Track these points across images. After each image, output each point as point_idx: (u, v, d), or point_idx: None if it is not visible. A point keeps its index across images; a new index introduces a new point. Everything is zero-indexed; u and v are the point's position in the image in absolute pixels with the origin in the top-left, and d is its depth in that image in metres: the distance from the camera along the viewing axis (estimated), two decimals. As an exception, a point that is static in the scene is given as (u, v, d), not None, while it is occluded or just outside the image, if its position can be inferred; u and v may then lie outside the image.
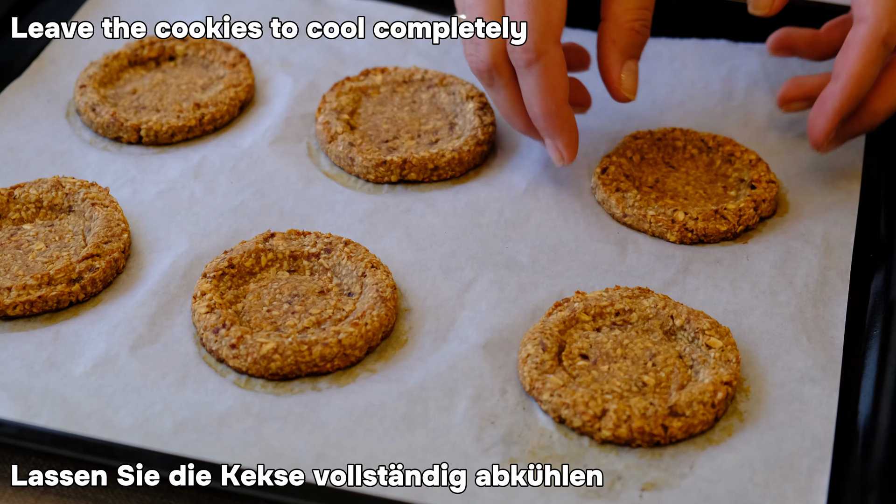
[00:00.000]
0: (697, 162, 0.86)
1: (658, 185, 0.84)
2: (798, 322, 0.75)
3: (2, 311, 0.73)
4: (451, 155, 0.84)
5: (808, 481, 0.66)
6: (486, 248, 0.80)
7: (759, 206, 0.81)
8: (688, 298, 0.76)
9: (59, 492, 0.68)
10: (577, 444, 0.68)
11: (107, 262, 0.76)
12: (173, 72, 0.93)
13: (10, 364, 0.71)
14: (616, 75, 0.81)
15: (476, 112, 0.87)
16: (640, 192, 0.83)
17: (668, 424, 0.67)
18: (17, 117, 0.89)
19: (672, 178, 0.84)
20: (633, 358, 0.71)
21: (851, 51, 0.77)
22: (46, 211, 0.80)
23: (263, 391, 0.70)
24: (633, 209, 0.81)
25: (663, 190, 0.83)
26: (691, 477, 0.66)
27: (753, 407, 0.70)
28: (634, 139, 0.86)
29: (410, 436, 0.68)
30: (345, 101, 0.89)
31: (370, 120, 0.88)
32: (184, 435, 0.67)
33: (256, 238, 0.78)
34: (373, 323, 0.72)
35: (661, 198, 0.83)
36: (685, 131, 0.87)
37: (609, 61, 0.81)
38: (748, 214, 0.80)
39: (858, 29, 0.76)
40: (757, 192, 0.82)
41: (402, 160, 0.84)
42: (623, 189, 0.82)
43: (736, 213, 0.80)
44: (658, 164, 0.86)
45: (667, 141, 0.87)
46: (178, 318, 0.74)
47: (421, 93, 0.90)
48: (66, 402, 0.69)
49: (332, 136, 0.86)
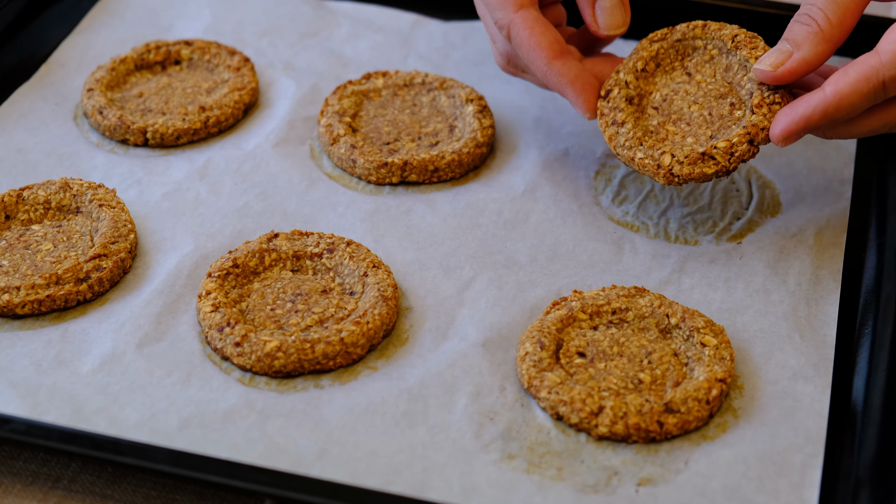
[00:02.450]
0: (716, 66, 0.79)
1: (663, 106, 0.79)
2: (791, 320, 0.75)
3: (11, 309, 0.73)
4: (450, 157, 0.84)
5: (801, 476, 0.66)
6: (486, 247, 0.80)
7: (755, 138, 0.74)
8: (683, 297, 0.76)
9: (66, 487, 0.68)
10: (575, 440, 0.68)
11: (114, 262, 0.76)
12: (179, 75, 0.93)
13: (18, 362, 0.71)
14: (589, 18, 0.80)
15: (475, 115, 0.87)
16: (640, 121, 0.78)
17: (663, 421, 0.67)
18: (25, 120, 0.89)
19: (682, 93, 0.79)
20: (630, 356, 0.71)
21: (851, 72, 0.71)
22: (55, 212, 0.80)
23: (267, 388, 0.70)
24: (623, 149, 0.77)
25: (668, 112, 0.78)
26: (686, 472, 0.66)
27: (747, 403, 0.70)
28: (651, 42, 0.80)
29: (411, 432, 0.68)
30: (347, 104, 0.89)
31: (372, 122, 0.88)
32: (189, 431, 0.67)
33: (260, 238, 0.78)
34: (374, 321, 0.72)
35: (663, 124, 0.78)
36: (706, 27, 0.79)
37: (580, 6, 0.80)
38: (741, 150, 0.74)
39: (870, 58, 0.70)
40: (754, 121, 0.74)
41: (402, 162, 0.83)
42: (619, 122, 0.78)
43: (727, 151, 0.74)
44: (675, 71, 0.80)
45: (686, 41, 0.80)
46: (183, 317, 0.74)
47: (422, 96, 0.90)
48: (74, 399, 0.69)
49: (335, 139, 0.86)
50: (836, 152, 0.88)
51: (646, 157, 0.76)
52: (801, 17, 0.73)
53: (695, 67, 0.80)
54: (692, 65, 0.80)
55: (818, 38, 0.72)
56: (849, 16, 0.72)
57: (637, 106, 0.79)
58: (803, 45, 0.72)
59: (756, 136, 0.74)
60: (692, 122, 0.77)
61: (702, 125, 0.77)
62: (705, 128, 0.77)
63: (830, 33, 0.72)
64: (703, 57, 0.80)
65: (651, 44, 0.80)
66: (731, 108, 0.77)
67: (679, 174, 0.75)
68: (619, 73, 0.80)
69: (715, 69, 0.79)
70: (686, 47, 0.80)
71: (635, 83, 0.80)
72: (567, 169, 0.86)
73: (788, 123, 0.72)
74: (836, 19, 0.72)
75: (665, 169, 0.75)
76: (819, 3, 0.72)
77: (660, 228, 0.82)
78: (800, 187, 0.85)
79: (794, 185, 0.85)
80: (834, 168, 0.87)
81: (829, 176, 0.86)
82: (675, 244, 0.80)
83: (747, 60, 0.77)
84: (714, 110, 0.77)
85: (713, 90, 0.78)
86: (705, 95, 0.78)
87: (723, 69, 0.79)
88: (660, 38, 0.81)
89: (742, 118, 0.76)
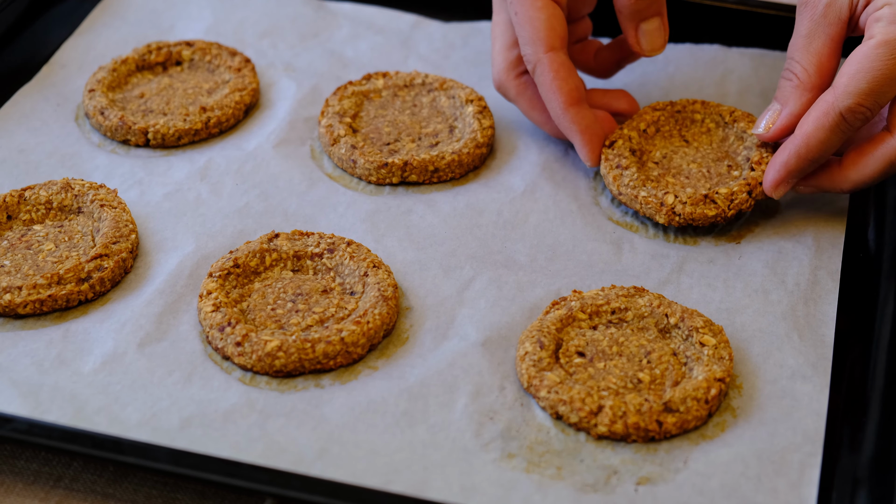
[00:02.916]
0: (712, 137, 0.85)
1: (663, 162, 0.83)
2: (789, 320, 0.75)
3: (13, 309, 0.73)
4: (451, 157, 0.84)
5: (800, 475, 0.66)
6: (485, 247, 0.80)
7: (753, 190, 0.79)
8: (682, 297, 0.76)
9: (68, 486, 0.68)
10: (574, 439, 0.68)
11: (115, 262, 0.76)
12: (180, 76, 0.93)
13: (20, 361, 0.71)
14: (632, 39, 0.84)
15: (475, 115, 0.87)
16: (642, 170, 0.82)
17: (662, 420, 0.67)
18: (27, 121, 0.89)
19: (681, 153, 0.84)
20: (629, 355, 0.71)
21: (812, 113, 0.76)
22: (56, 212, 0.80)
23: (268, 388, 0.70)
24: (627, 188, 0.81)
25: (667, 167, 0.83)
26: (685, 471, 0.66)
27: (746, 403, 0.70)
28: (653, 110, 0.86)
29: (411, 431, 0.68)
30: (347, 104, 0.89)
31: (372, 123, 0.88)
32: (190, 430, 0.67)
33: (261, 238, 0.78)
34: (374, 321, 0.72)
35: (663, 175, 0.82)
36: (706, 104, 0.86)
37: (623, 28, 0.84)
38: (740, 199, 0.79)
39: (826, 95, 0.75)
40: (754, 175, 0.80)
41: (403, 162, 0.83)
42: (623, 166, 0.82)
43: (727, 197, 0.79)
44: (673, 137, 0.85)
45: (686, 113, 0.86)
46: (184, 317, 0.74)
47: (422, 97, 0.90)
48: (75, 398, 0.69)
49: (335, 139, 0.86)
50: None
51: (649, 195, 0.80)
52: (785, 73, 0.79)
53: (692, 136, 0.85)
54: (690, 134, 0.85)
55: (800, 90, 0.78)
56: (825, 61, 0.77)
57: (639, 158, 0.83)
58: (789, 100, 0.78)
59: (754, 188, 0.79)
60: (691, 177, 0.82)
61: (700, 179, 0.82)
62: (704, 181, 0.82)
63: (810, 82, 0.77)
64: (700, 129, 0.85)
65: (653, 111, 0.86)
66: (729, 168, 0.83)
67: (681, 213, 0.79)
68: (623, 130, 0.84)
69: (712, 139, 0.85)
70: (685, 119, 0.86)
71: (637, 139, 0.84)
72: (567, 169, 0.86)
73: (773, 172, 0.78)
74: (813, 68, 0.77)
75: (668, 207, 0.79)
76: (795, 56, 0.78)
77: (659, 228, 0.82)
78: (798, 188, 0.85)
79: (792, 185, 0.85)
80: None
81: (828, 176, 0.86)
82: (674, 244, 0.80)
83: (744, 131, 0.83)
84: (712, 169, 0.83)
85: (710, 154, 0.84)
86: (703, 157, 0.84)
87: (719, 140, 0.85)
88: (661, 107, 0.86)
89: (740, 176, 0.81)
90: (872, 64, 0.73)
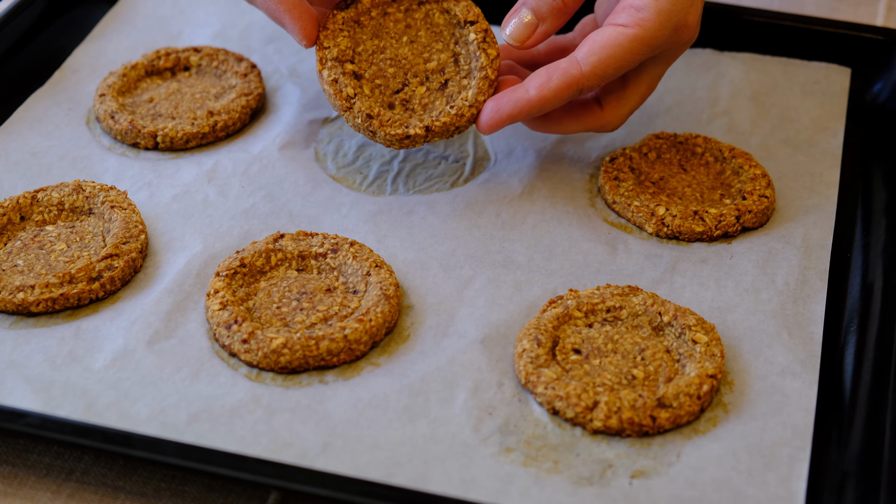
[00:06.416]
0: (710, 170, 0.85)
1: (660, 183, 0.84)
2: (779, 318, 0.75)
3: (26, 307, 0.73)
4: (469, 112, 0.79)
5: (789, 469, 0.66)
6: (484, 247, 0.80)
7: (741, 216, 0.80)
8: (675, 296, 0.76)
9: (79, 479, 0.68)
10: (570, 434, 0.68)
11: (125, 262, 0.76)
12: (188, 81, 0.93)
13: (33, 358, 0.71)
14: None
15: (480, 45, 0.81)
16: (638, 186, 0.83)
17: (656, 415, 0.67)
18: (40, 124, 0.89)
19: (677, 178, 0.84)
20: (624, 352, 0.71)
21: (554, 78, 0.75)
22: (68, 213, 0.80)
23: (273, 384, 0.70)
24: (622, 197, 0.81)
25: (663, 187, 0.83)
26: (678, 465, 0.66)
27: (737, 399, 0.70)
28: (657, 138, 0.86)
29: (412, 426, 0.68)
30: (343, 43, 0.81)
31: (373, 62, 0.82)
32: (197, 425, 0.67)
33: (267, 239, 0.78)
34: (377, 319, 0.72)
35: (657, 194, 0.82)
36: (707, 139, 0.86)
37: None
38: (728, 221, 0.80)
39: (570, 67, 0.75)
40: (744, 203, 0.81)
41: (425, 130, 0.79)
42: (621, 179, 0.83)
43: (716, 217, 0.80)
44: (672, 165, 0.85)
45: (688, 146, 0.86)
46: (192, 315, 0.74)
47: (413, 12, 0.83)
48: (87, 394, 0.69)
49: (347, 102, 0.80)
50: (822, 156, 0.88)
51: (642, 205, 0.81)
52: None
53: (691, 166, 0.85)
54: (689, 164, 0.85)
55: (560, 14, 0.78)
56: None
57: (637, 176, 0.84)
58: (547, 19, 0.78)
59: (743, 215, 0.80)
60: (685, 198, 0.82)
61: (693, 202, 0.82)
62: (696, 204, 0.82)
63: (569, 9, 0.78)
64: (699, 160, 0.86)
65: (656, 139, 0.86)
66: (721, 197, 0.83)
67: (669, 224, 0.80)
68: (626, 150, 0.85)
69: (709, 171, 0.85)
70: (686, 150, 0.86)
71: (638, 160, 0.85)
72: (563, 172, 0.86)
73: (493, 115, 0.77)
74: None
75: (658, 218, 0.80)
76: None
77: (653, 229, 0.82)
78: (787, 191, 0.85)
79: (781, 188, 0.85)
80: (821, 171, 0.87)
81: (816, 179, 0.86)
82: (668, 245, 0.80)
83: (741, 167, 0.84)
84: (706, 195, 0.83)
85: (706, 183, 0.84)
86: (699, 184, 0.84)
87: (716, 172, 0.85)
88: (665, 136, 0.87)
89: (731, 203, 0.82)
90: (624, 55, 0.75)
